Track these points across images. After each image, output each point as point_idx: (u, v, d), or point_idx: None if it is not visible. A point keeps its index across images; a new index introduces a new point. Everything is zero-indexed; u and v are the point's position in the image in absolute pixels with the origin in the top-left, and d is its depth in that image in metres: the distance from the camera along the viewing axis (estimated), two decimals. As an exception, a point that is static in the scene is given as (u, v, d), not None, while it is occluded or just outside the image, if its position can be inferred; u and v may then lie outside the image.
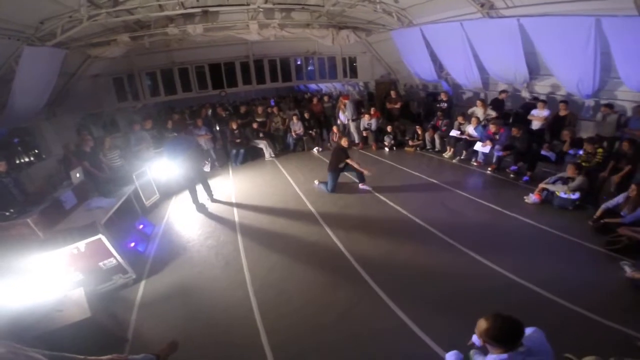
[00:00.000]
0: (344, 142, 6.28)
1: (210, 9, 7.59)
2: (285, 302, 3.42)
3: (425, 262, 3.88)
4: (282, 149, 9.53)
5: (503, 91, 7.83)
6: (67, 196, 4.64)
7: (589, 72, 5.84)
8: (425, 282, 3.51)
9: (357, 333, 2.92)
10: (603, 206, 4.23)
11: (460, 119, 7.74)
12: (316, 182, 6.57)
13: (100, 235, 3.54)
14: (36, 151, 7.62)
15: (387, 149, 8.75)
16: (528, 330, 1.74)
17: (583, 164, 5.08)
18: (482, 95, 8.85)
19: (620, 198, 4.12)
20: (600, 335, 2.66)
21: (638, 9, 4.67)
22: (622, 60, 5.36)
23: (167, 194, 6.70)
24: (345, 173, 6.55)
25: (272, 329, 3.06)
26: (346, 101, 9.67)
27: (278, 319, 3.18)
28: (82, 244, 3.47)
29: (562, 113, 6.46)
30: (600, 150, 5.12)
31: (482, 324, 1.69)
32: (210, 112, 10.13)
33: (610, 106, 5.90)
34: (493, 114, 8.01)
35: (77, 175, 5.10)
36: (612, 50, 5.35)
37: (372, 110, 9.36)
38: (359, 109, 10.29)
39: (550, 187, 4.92)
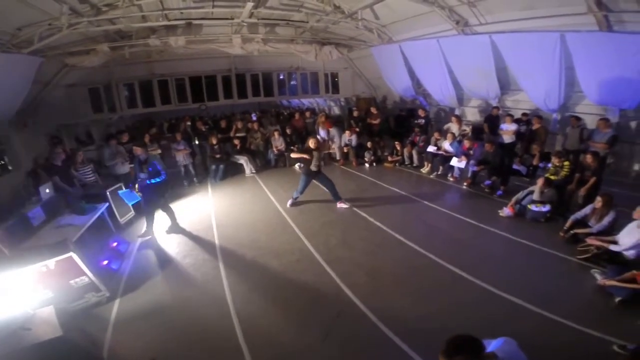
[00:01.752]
0: (312, 144, 5.98)
1: (194, 22, 7.60)
2: (267, 319, 3.35)
3: (406, 276, 3.93)
4: (263, 164, 9.43)
5: (495, 107, 8.01)
6: (35, 212, 4.40)
7: (555, 86, 6.22)
8: (405, 295, 3.55)
9: (341, 348, 2.90)
10: (572, 217, 4.46)
11: (436, 135, 8.01)
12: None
13: (71, 253, 3.37)
14: (2, 162, 7.20)
15: (367, 165, 8.88)
16: (498, 342, 1.76)
17: (551, 177, 5.36)
18: (457, 111, 9.22)
19: (587, 209, 4.37)
20: (576, 341, 2.77)
21: (599, 24, 5.07)
22: (584, 74, 5.74)
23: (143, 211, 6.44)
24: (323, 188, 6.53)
25: (255, 347, 2.98)
26: (331, 129, 9.51)
27: (261, 337, 3.11)
28: (51, 262, 3.30)
29: (535, 126, 6.82)
30: (567, 163, 5.41)
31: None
32: (189, 125, 9.95)
33: (577, 118, 6.27)
34: (467, 129, 8.36)
35: (47, 190, 4.86)
36: (575, 64, 5.71)
37: (352, 124, 9.50)
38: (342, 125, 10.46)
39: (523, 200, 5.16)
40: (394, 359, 2.76)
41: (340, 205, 6.14)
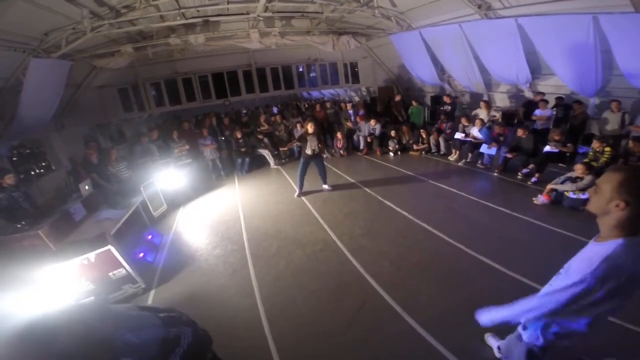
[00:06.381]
0: (310, 128, 6.09)
1: (211, 19, 7.71)
2: (292, 309, 3.41)
3: (432, 266, 3.85)
4: (287, 156, 9.55)
5: (539, 93, 7.43)
6: (77, 208, 4.69)
7: (591, 70, 5.84)
8: (433, 287, 3.48)
9: (365, 339, 2.90)
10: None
11: (464, 121, 7.71)
12: (326, 186, 6.62)
13: (109, 246, 3.58)
14: (43, 163, 7.72)
15: (391, 154, 8.73)
16: None
17: (591, 163, 5.03)
18: (485, 97, 8.83)
19: (630, 197, 4.06)
20: (616, 336, 2.61)
21: (634, 5, 4.66)
22: (623, 57, 5.35)
23: (175, 204, 6.74)
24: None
25: (280, 335, 3.05)
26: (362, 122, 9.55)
27: (286, 326, 3.17)
28: (92, 255, 3.51)
29: (577, 112, 6.48)
30: (608, 149, 5.06)
31: (613, 176, 1.27)
32: (215, 121, 10.20)
33: (618, 102, 5.89)
34: (497, 115, 8.00)
35: (86, 187, 5.16)
36: (612, 47, 5.33)
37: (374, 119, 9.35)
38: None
39: (559, 187, 4.87)
40: (417, 350, 2.73)
41: (324, 187, 6.57)
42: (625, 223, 1.26)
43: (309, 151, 6.11)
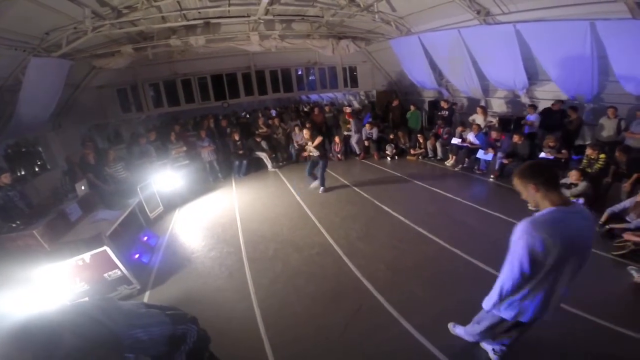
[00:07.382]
0: (306, 134, 6.70)
1: (212, 21, 7.74)
2: (288, 312, 3.41)
3: (429, 271, 3.86)
4: (285, 158, 9.56)
5: (558, 101, 7.17)
6: (73, 208, 4.66)
7: (587, 76, 5.89)
8: (430, 292, 3.49)
9: (361, 342, 2.90)
10: (608, 210, 4.21)
11: (460, 128, 7.76)
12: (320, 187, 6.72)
13: (105, 247, 3.56)
14: (39, 162, 7.68)
15: (389, 158, 8.76)
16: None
17: (586, 169, 5.08)
18: (482, 102, 8.89)
19: (627, 203, 4.10)
20: (609, 340, 2.64)
21: (631, 11, 4.72)
22: (619, 63, 5.40)
23: (171, 206, 6.73)
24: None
25: (276, 339, 3.05)
26: (351, 120, 9.56)
27: (282, 329, 3.17)
28: (87, 256, 3.49)
29: (572, 117, 6.53)
30: (602, 156, 5.10)
31: (515, 178, 1.77)
32: (212, 123, 10.19)
33: (615, 109, 5.93)
34: (494, 120, 8.05)
35: (82, 187, 5.13)
36: (609, 53, 5.39)
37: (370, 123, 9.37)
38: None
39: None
40: (413, 353, 2.74)
41: (320, 187, 6.72)
42: (549, 197, 1.64)
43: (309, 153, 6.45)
